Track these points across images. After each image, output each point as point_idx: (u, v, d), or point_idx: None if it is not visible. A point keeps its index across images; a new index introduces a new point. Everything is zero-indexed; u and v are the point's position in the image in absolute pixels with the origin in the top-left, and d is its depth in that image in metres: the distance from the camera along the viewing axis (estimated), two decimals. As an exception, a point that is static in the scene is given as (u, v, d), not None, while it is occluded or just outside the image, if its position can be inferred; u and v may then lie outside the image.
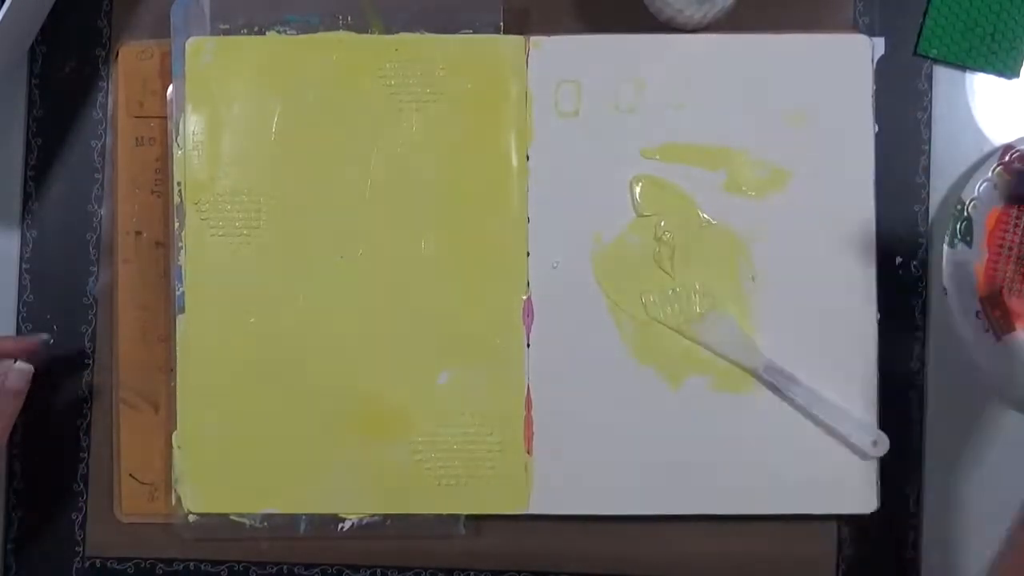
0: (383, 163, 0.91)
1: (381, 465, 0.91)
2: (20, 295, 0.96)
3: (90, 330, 0.96)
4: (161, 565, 0.95)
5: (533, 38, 0.91)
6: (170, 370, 0.93)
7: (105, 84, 0.96)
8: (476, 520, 0.94)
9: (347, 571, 0.95)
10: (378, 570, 0.95)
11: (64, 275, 0.96)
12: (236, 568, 0.95)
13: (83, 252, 0.96)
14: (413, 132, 0.91)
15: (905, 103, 0.94)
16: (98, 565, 0.96)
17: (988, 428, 0.94)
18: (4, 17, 0.87)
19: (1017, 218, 0.92)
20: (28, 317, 0.96)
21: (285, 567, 0.95)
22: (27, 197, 0.96)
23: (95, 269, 0.96)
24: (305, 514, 0.93)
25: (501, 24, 0.92)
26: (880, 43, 0.91)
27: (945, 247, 0.92)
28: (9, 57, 0.94)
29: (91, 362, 0.96)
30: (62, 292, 0.96)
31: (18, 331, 0.96)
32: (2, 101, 0.96)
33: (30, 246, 0.96)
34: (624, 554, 0.94)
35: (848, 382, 0.91)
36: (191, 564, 0.95)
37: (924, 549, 0.94)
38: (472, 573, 0.95)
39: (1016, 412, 0.94)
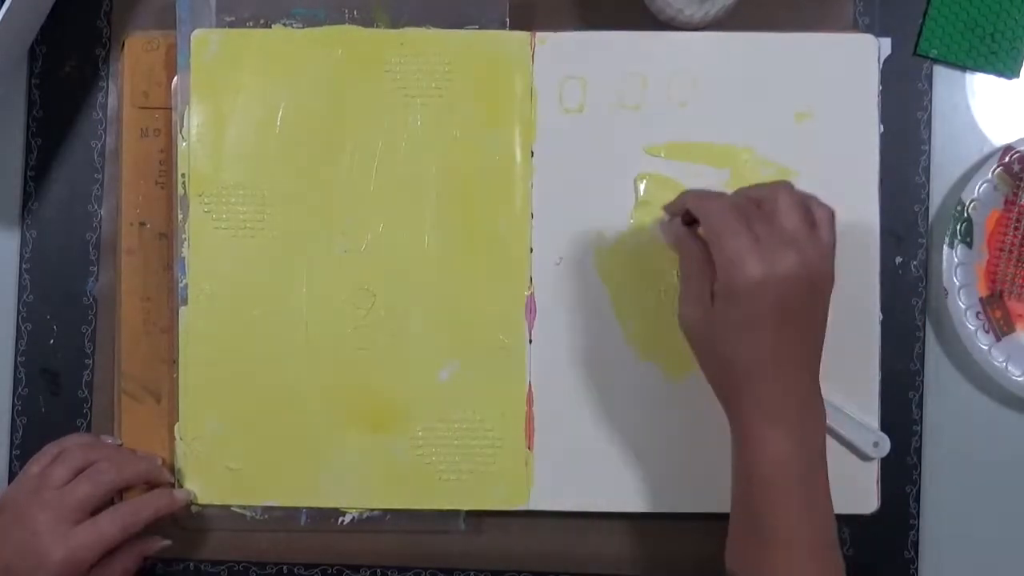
0: (387, 157, 0.92)
1: (382, 459, 0.91)
2: (20, 295, 0.96)
3: (90, 330, 0.95)
4: (161, 565, 0.95)
5: (539, 34, 0.92)
6: (172, 361, 0.92)
7: (105, 84, 0.96)
8: (477, 516, 0.94)
9: (347, 571, 0.95)
10: (378, 570, 0.95)
11: (64, 275, 0.96)
12: (236, 568, 0.95)
13: (83, 252, 0.96)
14: (418, 126, 0.92)
15: (905, 103, 0.94)
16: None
17: (988, 428, 0.95)
18: (4, 17, 0.87)
19: (1017, 219, 0.93)
20: (28, 317, 0.96)
21: (285, 567, 0.95)
22: (27, 197, 0.96)
23: (95, 269, 0.96)
24: (306, 507, 0.92)
25: (507, 20, 0.92)
26: (887, 43, 0.91)
27: (945, 247, 0.92)
28: (9, 57, 0.94)
29: (91, 362, 0.95)
30: (62, 292, 0.96)
31: (18, 331, 0.96)
32: (2, 101, 0.96)
33: (30, 246, 0.96)
34: (623, 552, 0.94)
35: (849, 382, 0.91)
36: (191, 564, 0.95)
37: (924, 549, 0.94)
38: (472, 573, 0.95)
39: (1016, 412, 0.94)
